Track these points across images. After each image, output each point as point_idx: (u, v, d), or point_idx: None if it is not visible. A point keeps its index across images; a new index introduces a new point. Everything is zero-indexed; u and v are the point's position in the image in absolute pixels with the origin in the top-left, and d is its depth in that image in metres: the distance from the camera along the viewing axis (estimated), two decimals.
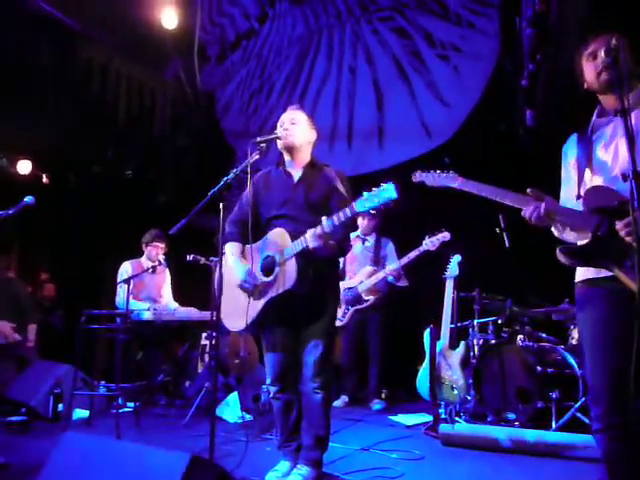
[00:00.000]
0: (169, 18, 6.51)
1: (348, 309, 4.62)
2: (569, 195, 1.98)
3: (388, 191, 2.22)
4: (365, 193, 2.28)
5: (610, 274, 1.76)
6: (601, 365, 1.80)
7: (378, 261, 4.77)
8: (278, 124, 2.77)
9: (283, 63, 7.12)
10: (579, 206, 1.88)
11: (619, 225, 1.69)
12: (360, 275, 4.68)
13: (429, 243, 4.26)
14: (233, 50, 7.56)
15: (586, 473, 2.74)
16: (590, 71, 1.90)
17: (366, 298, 4.63)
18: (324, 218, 2.40)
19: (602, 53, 1.79)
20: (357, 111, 6.33)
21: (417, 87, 5.92)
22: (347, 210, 2.35)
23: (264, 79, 7.27)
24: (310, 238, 2.42)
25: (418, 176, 2.19)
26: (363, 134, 6.21)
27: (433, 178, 2.16)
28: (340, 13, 6.61)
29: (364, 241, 4.88)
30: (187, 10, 6.96)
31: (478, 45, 5.57)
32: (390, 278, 4.64)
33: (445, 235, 4.23)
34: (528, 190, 1.87)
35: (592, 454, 2.89)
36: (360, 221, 4.76)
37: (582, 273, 1.91)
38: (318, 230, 2.41)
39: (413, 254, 4.39)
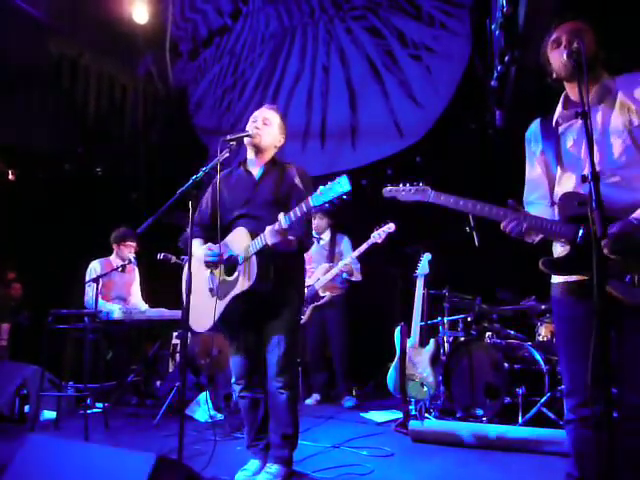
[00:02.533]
0: (140, 13, 6.44)
1: (307, 307, 4.65)
2: (535, 184, 2.03)
3: (341, 184, 2.24)
4: (320, 187, 2.30)
5: (585, 277, 1.80)
6: (575, 360, 1.85)
7: (334, 258, 4.82)
8: (250, 119, 2.77)
9: (256, 60, 7.09)
10: (553, 212, 1.92)
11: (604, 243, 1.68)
12: (317, 273, 4.73)
13: (376, 235, 4.40)
14: (206, 46, 7.50)
15: (553, 467, 2.80)
16: (556, 59, 1.91)
17: (322, 295, 4.67)
18: (281, 214, 2.41)
19: (564, 56, 1.83)
20: (330, 110, 6.35)
21: (390, 86, 5.97)
22: (303, 205, 2.36)
23: (237, 76, 7.23)
24: (268, 235, 2.43)
25: (389, 192, 2.16)
26: (336, 133, 6.24)
27: (405, 193, 2.13)
28: (313, 11, 6.61)
29: (319, 240, 4.91)
30: (159, 5, 6.90)
31: (450, 46, 5.64)
32: (344, 274, 4.70)
33: (390, 226, 4.38)
34: (509, 202, 1.89)
35: (557, 448, 2.97)
36: (314, 221, 4.79)
37: (558, 276, 1.95)
38: (276, 227, 2.42)
39: (362, 248, 4.50)
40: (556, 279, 1.96)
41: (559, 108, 2.00)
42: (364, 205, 5.01)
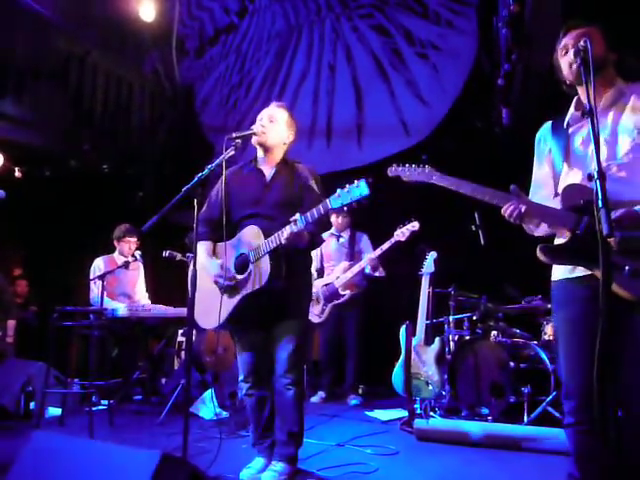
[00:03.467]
0: (147, 11, 6.44)
1: (326, 305, 4.63)
2: (541, 183, 2.04)
3: (360, 188, 2.26)
4: (338, 190, 2.31)
5: (586, 273, 1.79)
6: (575, 362, 1.84)
7: (354, 256, 4.81)
8: (257, 118, 2.77)
9: (263, 58, 7.09)
10: (556, 203, 1.92)
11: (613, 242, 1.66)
12: (337, 271, 4.71)
13: (400, 233, 4.39)
14: (212, 44, 7.51)
15: (557, 466, 2.78)
16: (565, 64, 1.92)
17: (343, 293, 4.66)
18: (298, 215, 2.41)
19: (571, 55, 1.82)
20: (336, 108, 6.33)
21: (396, 85, 5.95)
22: (320, 207, 2.37)
23: (243, 74, 7.23)
24: (285, 236, 2.43)
25: (394, 170, 2.17)
26: (342, 131, 6.23)
27: (409, 173, 2.14)
28: (320, 9, 6.60)
29: (339, 238, 4.90)
30: (165, 3, 6.89)
31: (456, 44, 5.62)
32: (367, 269, 4.68)
33: (414, 225, 4.37)
34: (511, 187, 1.89)
35: (562, 447, 2.95)
36: (333, 219, 4.78)
37: (559, 272, 1.94)
38: (294, 228, 2.41)
39: (386, 245, 4.48)
40: (556, 276, 1.95)
41: (571, 110, 2.01)
42: (372, 202, 5.01)
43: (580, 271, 1.83)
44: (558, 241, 1.95)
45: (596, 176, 1.51)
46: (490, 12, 4.74)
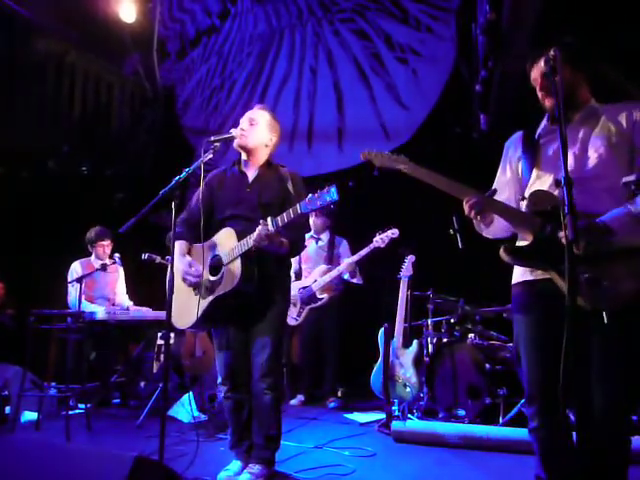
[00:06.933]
0: (128, 12, 6.42)
1: (303, 308, 4.64)
2: (501, 187, 2.11)
3: (330, 194, 2.30)
4: (310, 195, 2.35)
5: (545, 276, 1.84)
6: (536, 366, 1.88)
7: (332, 259, 4.81)
8: (240, 121, 2.79)
9: (244, 61, 7.09)
10: (521, 206, 1.97)
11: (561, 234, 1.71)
12: (315, 274, 4.71)
13: (379, 240, 4.35)
14: (193, 46, 7.49)
15: (531, 466, 2.82)
16: (536, 75, 2.00)
17: (320, 296, 4.67)
18: (269, 218, 2.44)
19: (542, 63, 1.88)
20: (317, 111, 6.36)
21: (376, 89, 6.00)
22: (291, 211, 2.40)
23: (225, 76, 7.22)
24: (255, 238, 2.46)
25: (367, 155, 2.16)
26: (323, 135, 6.25)
27: (382, 159, 2.14)
28: (301, 13, 6.62)
29: (317, 240, 4.91)
30: (146, 4, 6.86)
31: (436, 49, 5.68)
32: (345, 275, 4.69)
33: (394, 231, 4.33)
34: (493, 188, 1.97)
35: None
36: (312, 220, 4.78)
37: (519, 275, 1.98)
38: (262, 231, 2.44)
39: (364, 251, 4.46)
40: (516, 279, 2.00)
41: (544, 122, 2.07)
42: (352, 206, 5.05)
43: (539, 274, 1.88)
44: (520, 244, 2.00)
45: (563, 182, 1.55)
46: (469, 19, 4.81)
